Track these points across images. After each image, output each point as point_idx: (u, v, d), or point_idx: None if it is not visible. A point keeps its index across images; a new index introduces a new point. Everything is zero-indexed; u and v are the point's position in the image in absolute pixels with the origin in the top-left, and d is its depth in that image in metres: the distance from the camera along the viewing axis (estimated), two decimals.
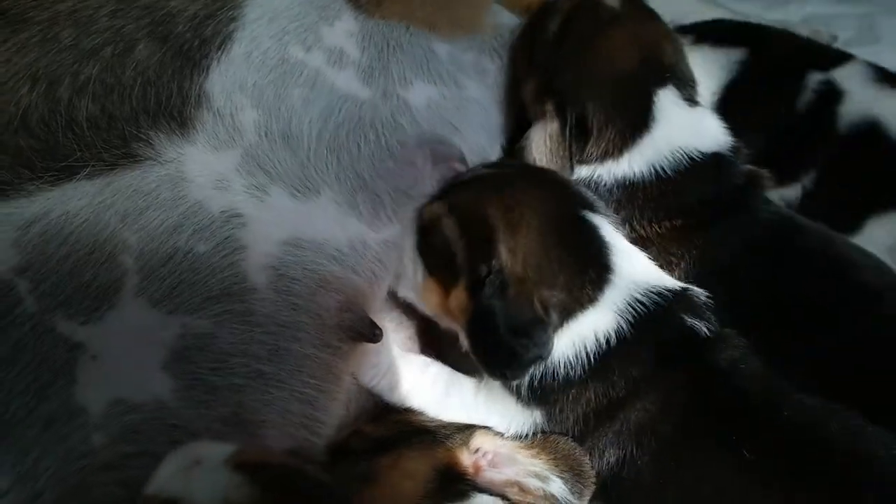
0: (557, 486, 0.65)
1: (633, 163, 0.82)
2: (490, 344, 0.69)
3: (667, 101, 0.83)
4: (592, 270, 0.70)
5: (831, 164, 0.94)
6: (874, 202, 0.92)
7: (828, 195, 0.94)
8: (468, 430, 0.72)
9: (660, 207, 0.81)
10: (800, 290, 0.79)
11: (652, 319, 0.70)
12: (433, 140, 0.80)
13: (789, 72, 1.00)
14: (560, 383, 0.69)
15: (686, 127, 0.83)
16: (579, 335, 0.69)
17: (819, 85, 0.97)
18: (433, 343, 0.83)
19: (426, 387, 0.75)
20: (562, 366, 0.68)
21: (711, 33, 1.05)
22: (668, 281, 0.74)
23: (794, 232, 0.83)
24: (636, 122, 0.82)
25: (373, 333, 0.72)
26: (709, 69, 0.99)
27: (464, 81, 0.85)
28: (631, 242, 0.77)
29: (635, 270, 0.72)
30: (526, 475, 0.65)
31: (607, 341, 0.68)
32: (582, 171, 0.83)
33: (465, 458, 0.66)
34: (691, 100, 0.84)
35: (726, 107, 0.96)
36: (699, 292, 0.73)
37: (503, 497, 0.65)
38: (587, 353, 0.68)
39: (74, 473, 0.59)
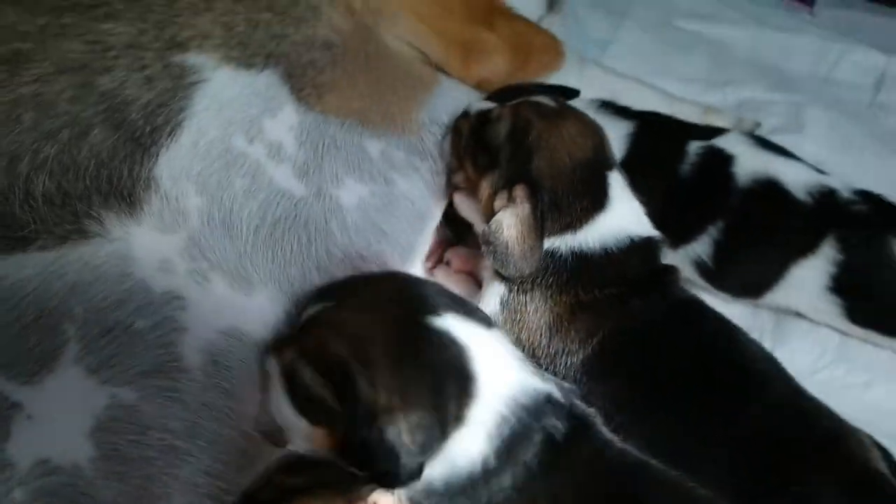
0: None
1: (590, 237, 0.94)
2: (373, 468, 0.70)
3: (616, 182, 0.96)
4: (456, 386, 0.71)
5: (737, 217, 1.08)
6: (792, 250, 1.08)
7: (742, 245, 1.09)
8: (368, 485, 0.82)
9: (605, 276, 0.93)
10: (698, 365, 0.92)
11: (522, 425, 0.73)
12: (357, 256, 0.90)
13: (670, 142, 1.15)
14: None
15: (631, 211, 0.97)
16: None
17: (700, 150, 1.12)
18: None
19: None
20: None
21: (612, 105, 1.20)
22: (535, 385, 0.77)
23: (700, 313, 0.96)
24: (596, 199, 0.94)
25: (282, 440, 0.77)
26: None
27: (394, 178, 0.96)
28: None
29: (493, 379, 0.73)
30: None
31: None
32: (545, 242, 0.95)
33: None
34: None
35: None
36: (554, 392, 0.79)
37: None
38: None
39: None
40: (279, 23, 0.94)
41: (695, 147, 1.14)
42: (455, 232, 1.14)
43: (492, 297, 0.96)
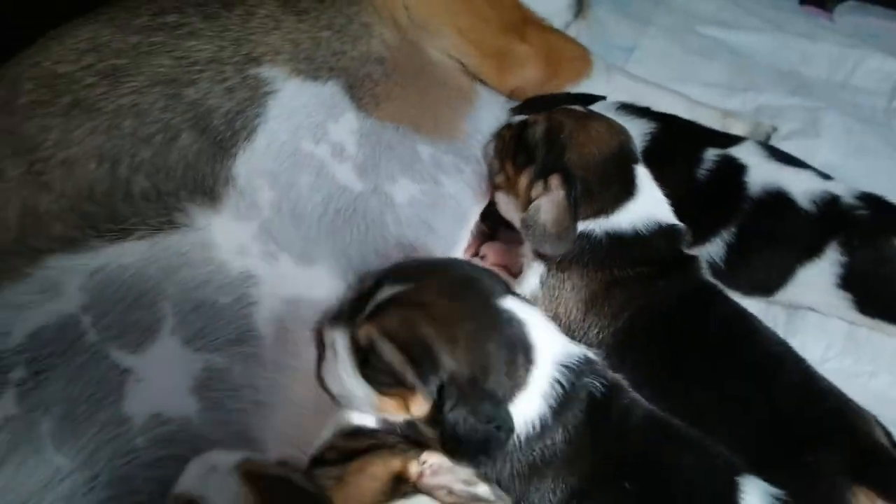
0: (483, 489, 0.84)
1: (622, 220, 1.05)
2: (467, 441, 0.80)
3: (642, 174, 1.09)
4: (520, 355, 0.84)
5: (748, 223, 1.18)
6: (798, 254, 1.18)
7: (752, 249, 1.19)
8: (421, 447, 0.92)
9: (636, 256, 1.04)
10: (717, 343, 1.02)
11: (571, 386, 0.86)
12: (408, 246, 1.02)
13: (688, 146, 1.25)
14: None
15: (657, 200, 1.09)
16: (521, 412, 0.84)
17: (716, 158, 1.22)
18: None
19: None
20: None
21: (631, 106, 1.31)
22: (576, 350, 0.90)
23: (719, 298, 1.06)
24: (626, 188, 1.06)
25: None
26: None
27: (441, 179, 1.08)
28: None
29: (547, 347, 0.86)
30: (456, 481, 0.81)
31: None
32: (580, 225, 1.05)
33: (414, 467, 0.82)
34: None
35: None
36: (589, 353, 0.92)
37: (435, 497, 0.86)
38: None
39: (121, 466, 0.80)
40: (338, 40, 1.07)
41: (711, 154, 1.23)
42: (490, 228, 1.26)
43: (532, 277, 1.08)
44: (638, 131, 1.23)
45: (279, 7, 1.06)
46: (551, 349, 0.86)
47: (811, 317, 1.24)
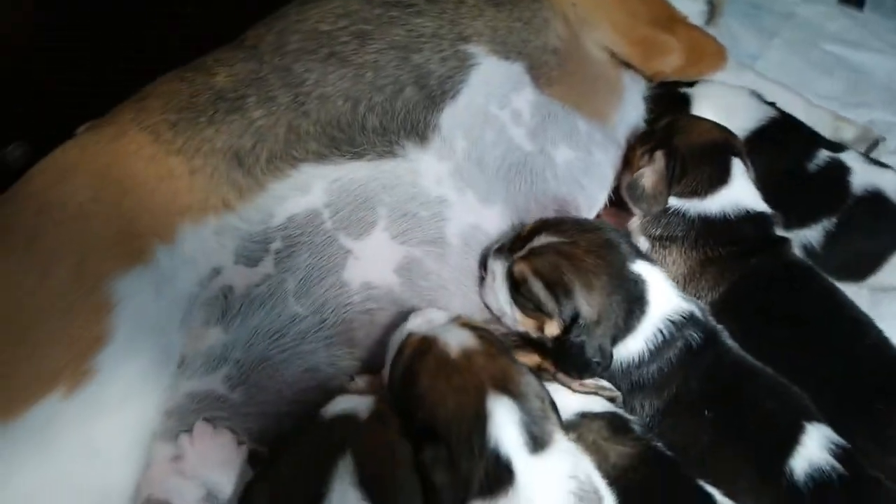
0: (605, 383, 1.06)
1: (713, 204, 1.27)
2: (576, 360, 1.05)
3: (738, 167, 1.29)
4: (637, 308, 1.08)
5: (848, 216, 1.39)
6: (890, 244, 1.38)
7: (850, 239, 1.38)
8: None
9: (724, 238, 1.25)
10: (805, 308, 1.21)
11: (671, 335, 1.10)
12: (561, 198, 1.28)
13: (805, 142, 1.46)
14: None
15: (748, 191, 1.29)
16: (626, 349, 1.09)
17: (828, 159, 1.43)
18: None
19: None
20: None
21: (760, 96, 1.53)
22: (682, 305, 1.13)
23: (810, 273, 1.26)
24: (720, 175, 1.28)
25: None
26: (747, 113, 1.48)
27: (593, 151, 1.34)
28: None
29: (660, 301, 1.10)
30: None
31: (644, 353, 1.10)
32: (674, 202, 1.28)
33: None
34: (748, 172, 1.30)
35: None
36: (695, 311, 1.13)
37: (567, 386, 1.08)
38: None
39: (341, 314, 1.11)
40: (525, 30, 1.36)
41: (824, 154, 1.44)
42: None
43: None
44: (763, 114, 1.46)
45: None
46: (662, 306, 1.10)
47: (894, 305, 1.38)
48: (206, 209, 1.10)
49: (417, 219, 1.19)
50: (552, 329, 1.10)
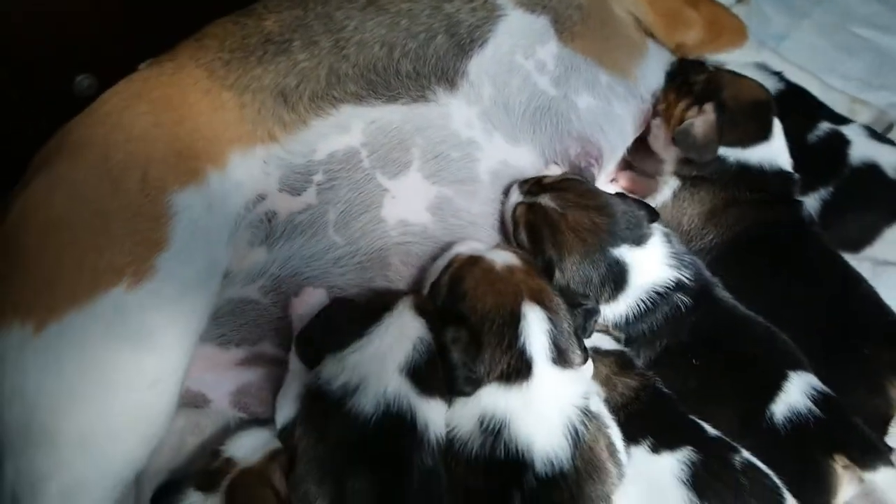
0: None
1: (753, 155, 1.37)
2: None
3: (777, 128, 1.39)
4: (609, 286, 1.18)
5: (843, 186, 1.45)
6: (886, 216, 1.43)
7: (844, 209, 1.44)
8: None
9: (755, 185, 1.35)
10: (806, 259, 1.30)
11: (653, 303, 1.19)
12: (584, 139, 1.36)
13: (806, 114, 1.53)
14: None
15: (782, 150, 1.39)
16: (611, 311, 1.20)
17: (829, 130, 1.51)
18: None
19: None
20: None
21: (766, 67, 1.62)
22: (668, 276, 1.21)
23: (813, 233, 1.35)
24: (763, 131, 1.39)
25: None
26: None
27: (613, 102, 1.41)
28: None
29: (643, 279, 1.19)
30: None
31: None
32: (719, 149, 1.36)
33: None
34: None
35: None
36: (684, 277, 1.21)
37: None
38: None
39: (377, 245, 1.21)
40: None
41: (825, 126, 1.51)
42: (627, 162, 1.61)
43: (667, 190, 1.43)
44: (770, 86, 1.51)
45: None
46: (644, 281, 1.19)
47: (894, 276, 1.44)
48: (254, 140, 1.20)
49: (449, 160, 1.28)
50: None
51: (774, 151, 1.39)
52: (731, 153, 1.38)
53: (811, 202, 1.46)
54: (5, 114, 1.39)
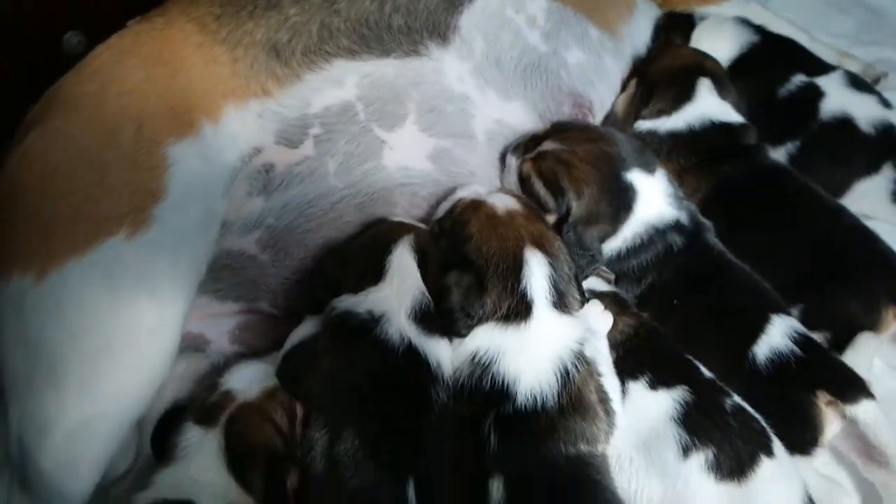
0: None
1: (679, 120, 1.38)
2: (570, 250, 1.13)
3: (704, 87, 1.40)
4: (623, 213, 1.20)
5: (812, 140, 1.44)
6: (856, 171, 1.42)
7: (811, 162, 1.42)
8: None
9: (693, 148, 1.36)
10: (786, 200, 1.32)
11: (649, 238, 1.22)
12: (576, 93, 1.39)
13: (780, 67, 1.53)
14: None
15: (714, 105, 1.40)
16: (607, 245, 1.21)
17: (801, 83, 1.49)
18: None
19: None
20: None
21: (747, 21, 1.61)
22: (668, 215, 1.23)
23: (784, 173, 1.37)
24: (683, 93, 1.40)
25: None
26: (729, 43, 1.57)
27: (603, 56, 1.44)
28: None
29: (646, 211, 1.21)
30: None
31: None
32: (647, 124, 1.39)
33: None
34: (722, 91, 1.41)
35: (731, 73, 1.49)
36: (682, 218, 1.23)
37: None
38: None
39: (379, 186, 1.24)
40: None
41: (799, 78, 1.49)
42: None
43: None
44: (744, 40, 1.55)
45: None
46: (647, 213, 1.21)
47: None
48: (248, 94, 1.21)
49: (444, 113, 1.30)
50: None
51: (702, 109, 1.39)
52: (658, 124, 1.40)
53: (778, 156, 1.46)
54: None
